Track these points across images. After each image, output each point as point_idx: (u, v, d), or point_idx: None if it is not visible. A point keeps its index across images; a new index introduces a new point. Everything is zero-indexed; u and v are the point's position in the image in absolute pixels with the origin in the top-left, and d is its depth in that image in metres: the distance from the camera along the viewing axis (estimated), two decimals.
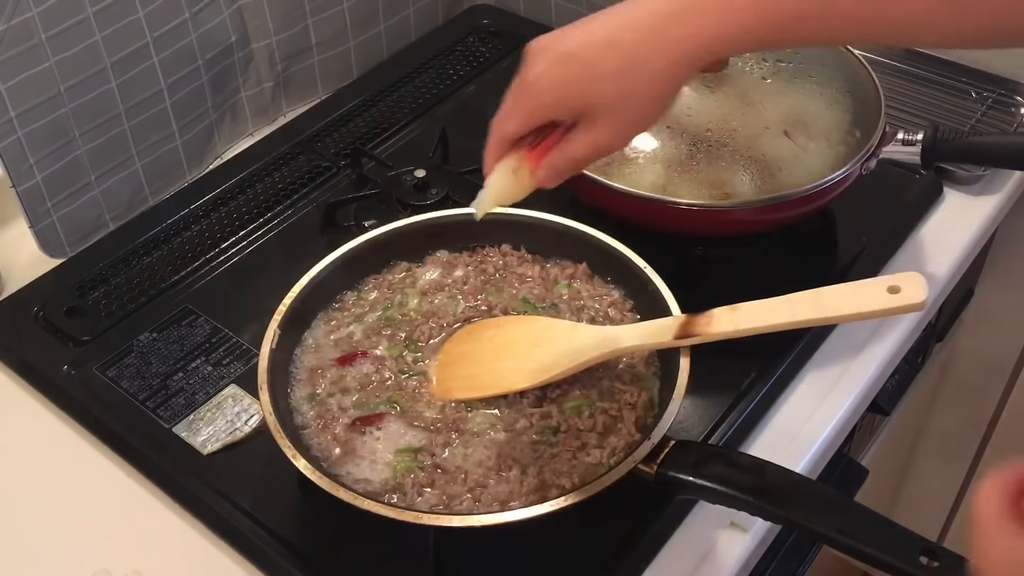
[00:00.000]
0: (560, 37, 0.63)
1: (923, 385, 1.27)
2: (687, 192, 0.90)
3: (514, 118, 0.64)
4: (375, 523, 0.66)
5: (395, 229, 0.87)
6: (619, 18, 0.61)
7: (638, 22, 0.60)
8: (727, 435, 0.81)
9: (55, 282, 0.98)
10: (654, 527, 0.76)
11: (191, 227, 1.03)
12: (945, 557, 0.60)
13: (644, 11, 0.60)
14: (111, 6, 0.94)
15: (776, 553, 0.91)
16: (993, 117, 1.09)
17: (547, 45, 0.63)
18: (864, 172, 0.92)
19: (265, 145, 1.14)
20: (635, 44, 0.60)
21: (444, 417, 0.76)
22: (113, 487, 0.82)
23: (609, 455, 0.73)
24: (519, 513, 0.67)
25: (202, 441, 0.82)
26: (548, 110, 0.63)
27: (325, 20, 1.18)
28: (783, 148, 0.92)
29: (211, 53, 1.07)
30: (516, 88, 0.63)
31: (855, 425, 0.94)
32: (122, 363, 0.89)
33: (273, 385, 0.74)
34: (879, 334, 0.91)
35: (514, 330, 0.80)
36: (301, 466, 0.69)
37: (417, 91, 1.20)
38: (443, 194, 1.00)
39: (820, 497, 0.66)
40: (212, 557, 0.76)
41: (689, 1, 0.59)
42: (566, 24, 0.65)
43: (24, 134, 0.92)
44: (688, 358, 0.73)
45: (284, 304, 0.80)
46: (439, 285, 0.86)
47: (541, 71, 0.61)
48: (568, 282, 0.86)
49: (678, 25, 0.59)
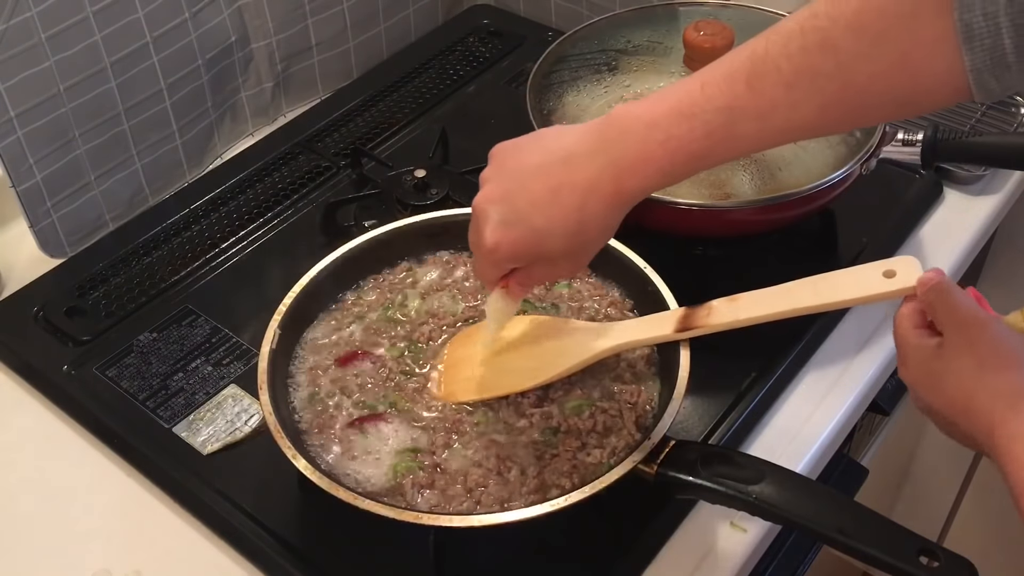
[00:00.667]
0: (502, 189, 0.67)
1: None
2: (687, 192, 0.90)
3: (487, 273, 0.71)
4: (375, 523, 0.66)
5: (395, 229, 0.87)
6: (556, 173, 0.66)
7: (576, 178, 0.65)
8: (727, 435, 0.81)
9: (55, 282, 0.98)
10: (654, 527, 0.76)
11: (191, 227, 1.03)
12: (945, 557, 0.60)
13: (580, 168, 0.65)
14: (111, 6, 0.94)
15: (776, 553, 0.91)
16: (993, 117, 1.09)
17: (493, 198, 0.67)
18: (864, 172, 0.92)
19: (265, 145, 1.14)
20: (578, 200, 0.65)
21: (444, 417, 0.76)
22: (113, 487, 0.82)
23: (609, 455, 0.73)
24: (519, 513, 0.67)
25: (202, 441, 0.82)
26: (511, 265, 0.69)
27: (325, 20, 1.18)
28: (783, 148, 0.92)
29: (211, 53, 1.07)
30: (478, 251, 0.69)
31: (855, 425, 0.94)
32: (122, 363, 0.89)
33: (273, 385, 0.74)
34: (879, 334, 0.91)
35: (514, 330, 0.80)
36: (301, 466, 0.69)
37: (417, 91, 1.20)
38: (443, 194, 1.00)
39: (820, 497, 0.66)
40: (212, 557, 0.76)
41: (617, 163, 0.64)
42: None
43: (24, 134, 0.92)
44: (688, 357, 0.73)
45: (284, 304, 0.80)
46: (439, 285, 0.86)
47: (495, 240, 0.66)
48: (568, 282, 0.86)
49: (612, 183, 0.64)
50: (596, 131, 0.65)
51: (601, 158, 0.64)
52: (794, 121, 0.62)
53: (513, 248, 0.66)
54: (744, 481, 0.66)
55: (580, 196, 0.65)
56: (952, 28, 0.57)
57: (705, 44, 0.96)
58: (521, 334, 0.79)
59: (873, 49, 0.59)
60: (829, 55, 0.59)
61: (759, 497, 0.66)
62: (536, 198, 0.66)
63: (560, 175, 0.65)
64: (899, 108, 0.64)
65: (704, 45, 0.96)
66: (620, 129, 0.64)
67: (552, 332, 0.79)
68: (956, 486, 1.53)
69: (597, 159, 0.65)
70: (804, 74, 0.60)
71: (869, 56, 0.59)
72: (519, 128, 0.97)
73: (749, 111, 0.62)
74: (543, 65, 1.03)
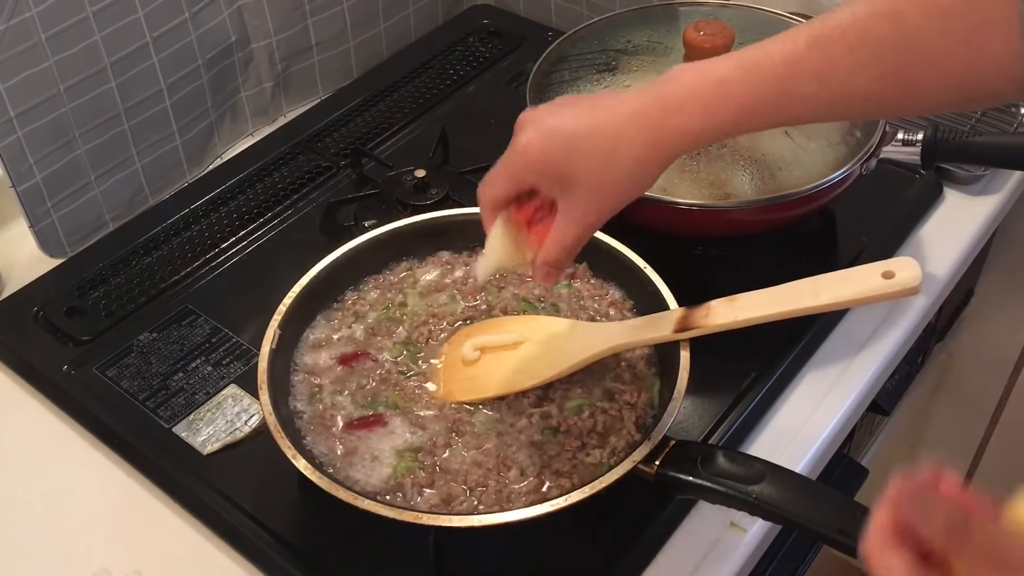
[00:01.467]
0: (549, 112, 0.67)
1: (923, 385, 1.27)
2: (687, 192, 0.90)
3: (500, 182, 0.68)
4: (375, 523, 0.66)
5: (395, 229, 0.87)
6: (603, 103, 0.66)
7: (620, 109, 0.65)
8: (727, 435, 0.81)
9: (55, 282, 0.98)
10: (654, 527, 0.76)
11: (191, 227, 1.03)
12: None
13: (626, 101, 0.65)
14: (111, 6, 0.94)
15: (776, 553, 0.91)
16: (993, 117, 1.09)
17: (536, 118, 0.66)
18: (864, 172, 0.92)
19: (265, 145, 1.14)
20: (617, 127, 0.64)
21: (444, 417, 0.76)
22: (113, 487, 0.82)
23: (609, 455, 0.73)
24: (519, 513, 0.66)
25: (202, 441, 0.82)
26: (533, 175, 0.66)
27: (325, 20, 1.18)
28: (783, 148, 0.92)
29: (211, 53, 1.07)
30: (506, 155, 0.67)
31: (855, 425, 0.94)
32: (122, 363, 0.89)
33: (273, 385, 0.74)
34: (879, 334, 0.91)
35: (514, 330, 0.80)
36: (301, 466, 0.69)
37: (417, 91, 1.20)
38: (443, 194, 1.00)
39: (820, 497, 0.66)
40: (212, 557, 0.76)
41: (666, 97, 0.64)
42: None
43: (24, 134, 0.92)
44: (688, 357, 0.73)
45: (284, 304, 0.80)
46: (439, 285, 0.86)
47: (528, 140, 0.65)
48: (568, 282, 0.86)
49: (657, 115, 0.64)
50: (650, 82, 0.65)
51: (649, 93, 0.64)
52: (850, 88, 0.62)
53: (544, 153, 0.65)
54: (744, 481, 0.66)
55: (621, 120, 0.64)
56: (1016, 10, 0.58)
57: (705, 44, 0.95)
58: (521, 334, 0.79)
59: (939, 24, 0.60)
60: (895, 24, 0.60)
61: (759, 497, 0.66)
62: (579, 118, 0.65)
63: (607, 103, 0.65)
64: (955, 92, 0.64)
65: (704, 45, 0.96)
66: (674, 75, 0.64)
67: (552, 332, 0.79)
68: None
69: (646, 94, 0.65)
70: (868, 41, 0.61)
71: (934, 30, 0.60)
72: None
73: (808, 69, 0.62)
74: (543, 65, 1.03)
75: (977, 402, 1.40)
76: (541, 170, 0.66)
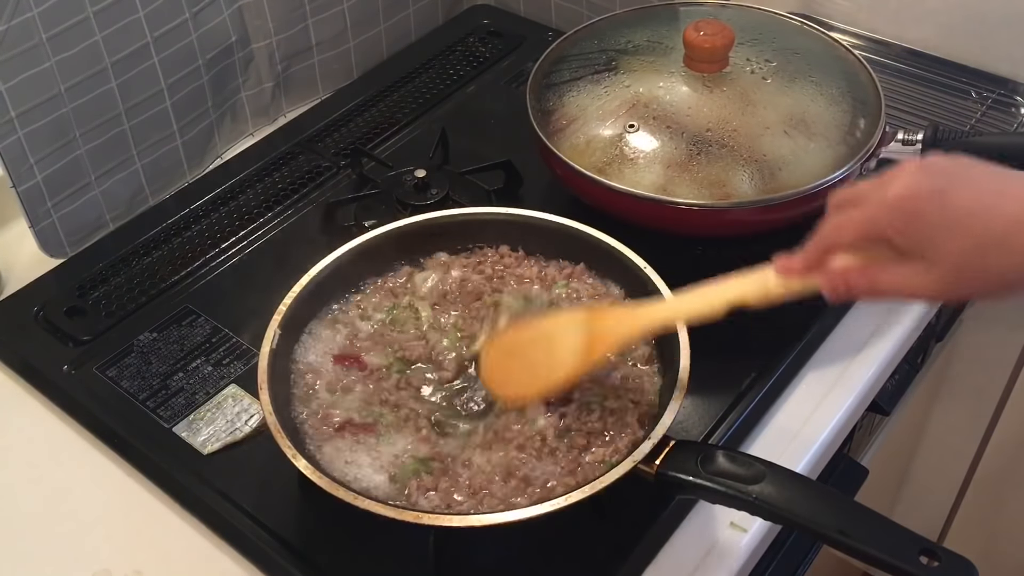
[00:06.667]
0: (952, 180, 0.59)
1: (923, 385, 1.27)
2: (687, 192, 0.90)
3: (855, 229, 0.62)
4: (375, 523, 0.66)
5: (395, 229, 0.87)
6: (1015, 190, 0.58)
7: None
8: (727, 435, 0.81)
9: (55, 282, 0.98)
10: (654, 527, 0.76)
11: (191, 227, 1.03)
12: (945, 557, 0.60)
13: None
14: (111, 6, 0.94)
15: (776, 553, 0.91)
16: (993, 117, 1.09)
17: (933, 177, 0.60)
18: (864, 172, 0.92)
19: (265, 145, 1.14)
20: (1018, 219, 0.57)
21: (444, 418, 0.76)
22: (113, 487, 0.82)
23: (611, 454, 0.73)
24: (519, 513, 0.66)
25: (202, 441, 0.82)
26: (895, 233, 0.60)
27: (325, 20, 1.18)
28: (783, 148, 0.92)
29: (211, 53, 1.07)
30: (868, 198, 0.61)
31: (855, 425, 0.94)
32: (122, 363, 0.89)
33: (273, 385, 0.74)
34: (879, 334, 0.91)
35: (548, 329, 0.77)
36: (301, 466, 0.69)
37: (417, 91, 1.20)
38: (443, 194, 1.00)
39: (820, 497, 0.66)
40: (212, 557, 0.76)
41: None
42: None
43: (24, 134, 0.92)
44: (688, 357, 0.73)
45: (284, 304, 0.79)
46: (438, 285, 0.86)
47: (909, 195, 0.58)
48: (566, 281, 0.86)
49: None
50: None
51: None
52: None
53: (915, 205, 0.58)
54: (744, 481, 0.66)
55: (1018, 205, 0.57)
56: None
57: (705, 44, 0.96)
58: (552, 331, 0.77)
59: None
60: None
61: (759, 497, 0.66)
62: (969, 175, 0.58)
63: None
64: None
65: (704, 45, 0.96)
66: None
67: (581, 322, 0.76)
68: (956, 486, 1.53)
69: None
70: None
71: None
72: (519, 128, 0.99)
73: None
74: (543, 65, 1.03)
75: (977, 402, 1.40)
76: (905, 227, 0.59)
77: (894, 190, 0.59)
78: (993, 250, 0.57)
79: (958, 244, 0.58)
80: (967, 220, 0.58)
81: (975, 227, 0.57)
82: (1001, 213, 0.57)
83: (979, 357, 1.35)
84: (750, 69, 0.98)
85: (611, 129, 0.95)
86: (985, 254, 0.58)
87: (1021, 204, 0.57)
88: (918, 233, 0.59)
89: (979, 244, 0.57)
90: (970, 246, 0.58)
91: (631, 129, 0.95)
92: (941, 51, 1.16)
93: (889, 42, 1.18)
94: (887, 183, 0.60)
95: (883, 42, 1.19)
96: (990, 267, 0.58)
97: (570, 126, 0.97)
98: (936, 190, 0.59)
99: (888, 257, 0.61)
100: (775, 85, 0.97)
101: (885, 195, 0.60)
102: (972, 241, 0.58)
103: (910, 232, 0.59)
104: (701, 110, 0.95)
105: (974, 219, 0.58)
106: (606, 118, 0.96)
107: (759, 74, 0.98)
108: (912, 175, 0.60)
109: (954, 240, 0.58)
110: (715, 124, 0.94)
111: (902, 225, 0.59)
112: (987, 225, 0.57)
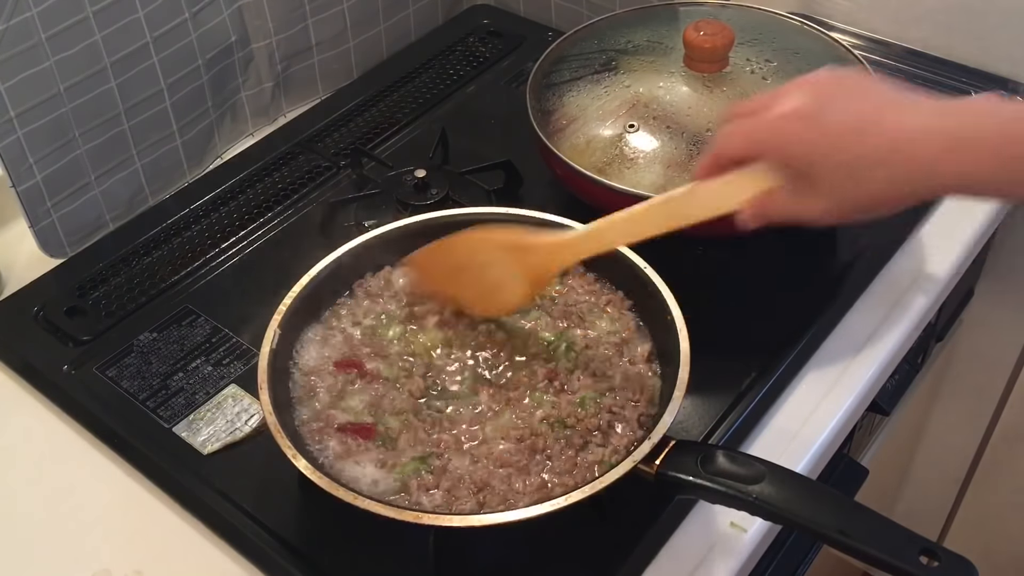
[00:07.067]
0: (831, 101, 0.60)
1: (923, 385, 1.27)
2: None
3: (740, 142, 0.62)
4: (375, 523, 0.66)
5: (395, 229, 0.87)
6: (891, 116, 0.58)
7: (907, 129, 0.57)
8: (727, 435, 0.81)
9: (55, 282, 0.98)
10: (654, 527, 0.76)
11: (191, 227, 1.03)
12: (945, 557, 0.60)
13: (918, 124, 0.58)
14: (111, 6, 0.94)
15: (776, 553, 0.91)
16: None
17: (813, 98, 0.60)
18: None
19: (265, 145, 1.14)
20: (890, 148, 0.57)
21: (444, 418, 0.76)
22: (113, 487, 0.82)
23: (611, 454, 0.73)
24: (519, 513, 0.66)
25: (202, 441, 0.82)
26: (774, 151, 0.61)
27: (325, 20, 1.18)
28: None
29: (211, 53, 1.07)
30: (758, 113, 0.61)
31: (855, 425, 0.94)
32: (122, 363, 0.89)
33: (273, 385, 0.74)
34: (879, 334, 0.91)
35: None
36: (301, 466, 0.69)
37: (417, 91, 1.20)
38: (443, 194, 1.00)
39: (820, 497, 0.66)
40: (212, 557, 0.76)
41: (965, 138, 0.56)
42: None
43: (24, 134, 0.92)
44: (688, 357, 0.73)
45: (284, 304, 0.79)
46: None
47: (788, 113, 0.59)
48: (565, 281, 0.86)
49: (946, 159, 0.56)
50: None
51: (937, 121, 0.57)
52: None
53: (795, 132, 0.58)
54: (744, 481, 0.66)
55: (904, 146, 0.57)
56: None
57: (705, 44, 0.96)
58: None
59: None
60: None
61: (759, 497, 0.66)
62: (853, 118, 0.57)
63: (897, 114, 0.57)
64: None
65: (704, 45, 0.96)
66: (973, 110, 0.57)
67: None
68: (956, 486, 1.53)
69: (933, 120, 0.57)
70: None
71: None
72: (519, 128, 0.99)
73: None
74: (543, 65, 1.03)
75: (977, 402, 1.40)
76: (784, 148, 0.59)
77: (776, 109, 0.59)
78: (866, 172, 0.57)
79: (833, 164, 0.57)
80: (841, 140, 0.57)
81: (851, 147, 0.57)
82: (879, 131, 0.57)
83: (979, 357, 1.35)
84: (750, 69, 0.98)
85: (611, 129, 0.95)
86: (858, 175, 0.57)
87: (898, 124, 0.57)
88: (798, 154, 0.59)
89: (853, 165, 0.57)
90: (844, 167, 0.57)
91: (631, 129, 0.95)
92: (941, 51, 1.16)
93: (889, 42, 1.18)
94: (776, 99, 0.60)
95: (883, 42, 1.19)
96: (867, 189, 0.58)
97: (570, 126, 0.97)
98: (814, 110, 0.59)
99: (791, 178, 0.61)
100: (775, 85, 0.96)
101: (768, 114, 0.60)
102: (846, 161, 0.57)
103: (789, 152, 0.59)
104: (701, 110, 0.95)
105: (848, 139, 0.57)
106: (606, 118, 0.96)
107: (759, 74, 0.98)
108: (794, 95, 0.60)
109: (829, 161, 0.58)
110: (715, 124, 0.94)
111: (780, 145, 0.59)
112: (863, 145, 0.57)
